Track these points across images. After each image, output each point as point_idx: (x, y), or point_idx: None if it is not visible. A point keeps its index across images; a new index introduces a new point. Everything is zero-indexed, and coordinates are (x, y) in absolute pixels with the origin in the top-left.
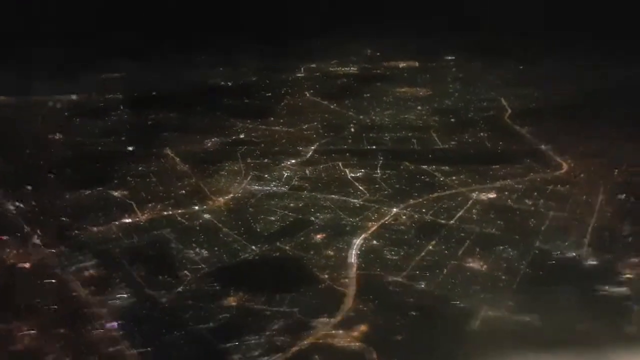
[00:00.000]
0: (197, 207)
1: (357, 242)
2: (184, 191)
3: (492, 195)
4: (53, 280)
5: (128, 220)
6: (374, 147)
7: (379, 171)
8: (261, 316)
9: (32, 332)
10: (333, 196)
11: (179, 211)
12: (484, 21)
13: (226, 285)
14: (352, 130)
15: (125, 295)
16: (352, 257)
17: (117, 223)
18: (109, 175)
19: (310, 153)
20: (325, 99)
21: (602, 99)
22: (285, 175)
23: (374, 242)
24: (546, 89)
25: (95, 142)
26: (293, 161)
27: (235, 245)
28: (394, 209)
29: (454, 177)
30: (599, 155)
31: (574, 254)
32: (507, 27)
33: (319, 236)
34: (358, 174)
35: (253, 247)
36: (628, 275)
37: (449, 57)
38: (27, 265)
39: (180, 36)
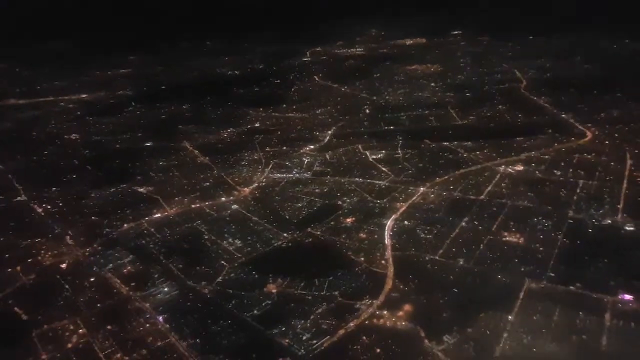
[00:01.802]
0: (223, 199)
1: (389, 223)
2: (208, 183)
3: (520, 168)
4: (92, 279)
5: (158, 215)
6: (392, 127)
7: (400, 151)
8: (303, 301)
9: (81, 330)
10: (357, 179)
11: (207, 203)
12: None
13: (264, 273)
14: (367, 111)
15: (166, 289)
16: (386, 239)
17: (147, 219)
18: (131, 172)
19: (328, 137)
20: (335, 82)
21: (616, 67)
22: (306, 162)
23: (405, 222)
24: (559, 59)
25: (112, 139)
26: (312, 147)
27: (267, 233)
28: (421, 188)
29: (477, 152)
30: (621, 122)
31: (610, 222)
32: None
33: (348, 220)
34: (379, 156)
35: (285, 234)
36: None
37: (456, 32)
38: (63, 265)
39: (183, 26)
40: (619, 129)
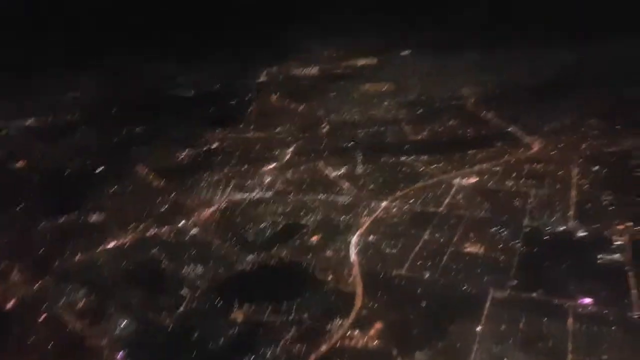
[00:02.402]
0: (182, 223)
1: (354, 239)
2: (164, 208)
3: (474, 180)
4: (43, 317)
5: (112, 245)
6: (350, 144)
7: (360, 167)
8: (272, 326)
9: None
10: (320, 196)
11: (164, 229)
12: (433, 16)
13: (229, 299)
14: (325, 130)
15: (124, 323)
16: (352, 256)
17: (100, 249)
18: (81, 200)
19: (289, 156)
20: (292, 101)
21: (558, 79)
22: (267, 181)
23: (370, 237)
24: (503, 74)
25: (60, 166)
26: (272, 166)
27: (229, 257)
28: (383, 203)
29: (433, 166)
30: (565, 132)
31: (563, 228)
32: (457, 21)
33: (314, 238)
34: (340, 172)
35: (249, 257)
36: (619, 242)
37: (405, 52)
38: (10, 304)
39: (134, 46)
40: (564, 139)
